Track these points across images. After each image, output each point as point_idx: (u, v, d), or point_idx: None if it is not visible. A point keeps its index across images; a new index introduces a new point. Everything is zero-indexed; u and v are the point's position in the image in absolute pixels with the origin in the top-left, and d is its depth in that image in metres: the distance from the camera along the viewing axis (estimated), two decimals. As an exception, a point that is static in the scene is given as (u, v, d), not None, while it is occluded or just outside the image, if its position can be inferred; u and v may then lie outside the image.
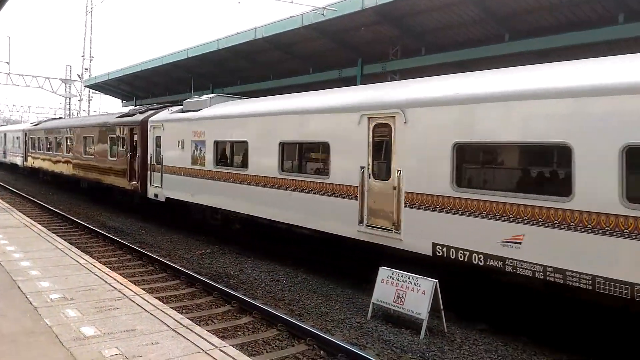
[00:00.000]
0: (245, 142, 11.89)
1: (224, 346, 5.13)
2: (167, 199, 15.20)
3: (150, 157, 16.15)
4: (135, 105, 43.38)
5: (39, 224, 12.96)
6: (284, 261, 11.60)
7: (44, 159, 28.33)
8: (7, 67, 49.38)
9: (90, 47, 54.22)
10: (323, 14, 18.41)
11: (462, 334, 7.47)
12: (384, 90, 9.37)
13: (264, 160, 11.32)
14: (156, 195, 15.80)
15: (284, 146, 10.91)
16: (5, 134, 39.03)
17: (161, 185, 15.42)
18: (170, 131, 15.11)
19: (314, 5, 18.41)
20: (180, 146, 14.38)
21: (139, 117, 17.25)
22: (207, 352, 4.94)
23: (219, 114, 13.18)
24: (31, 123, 36.89)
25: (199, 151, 13.58)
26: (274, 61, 25.68)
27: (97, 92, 51.74)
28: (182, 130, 14.45)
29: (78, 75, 54.23)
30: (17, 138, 34.56)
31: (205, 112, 13.73)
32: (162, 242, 13.86)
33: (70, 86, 54.32)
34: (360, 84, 20.26)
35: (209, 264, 11.51)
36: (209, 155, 13.22)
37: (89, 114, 52.98)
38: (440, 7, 16.80)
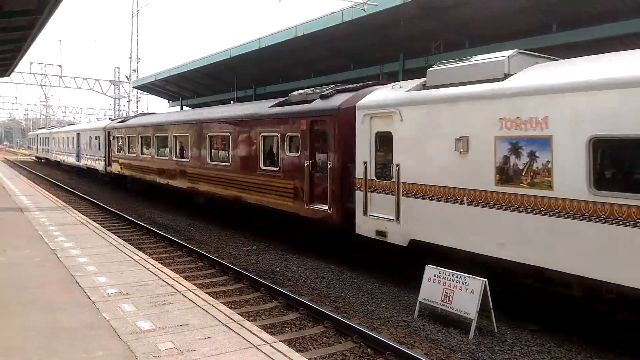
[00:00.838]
0: None
1: (274, 342, 5.23)
2: (415, 242, 9.05)
3: (365, 168, 10.06)
4: (182, 107, 44.24)
5: (94, 221, 13.56)
6: (328, 258, 11.65)
7: (137, 166, 22.40)
8: (59, 70, 51.87)
9: (137, 49, 56.29)
10: (364, 9, 18.29)
11: (512, 334, 7.31)
12: None
13: None
14: (382, 234, 9.71)
15: None
16: (78, 134, 33.36)
17: (397, 217, 9.34)
18: (419, 122, 9.05)
19: (355, 1, 18.32)
20: (457, 149, 8.23)
21: (335, 103, 11.14)
22: (258, 347, 5.04)
23: (599, 80, 6.54)
24: (111, 119, 31.85)
25: (522, 159, 7.34)
26: (315, 58, 25.78)
27: (144, 92, 53.41)
28: (459, 118, 8.29)
29: (126, 77, 56.26)
30: (96, 138, 28.64)
31: (524, 83, 7.44)
32: (210, 239, 14.19)
33: (119, 87, 56.39)
34: (402, 79, 20.06)
35: (256, 260, 11.71)
36: (568, 168, 6.80)
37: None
38: (484, -1, 16.40)
